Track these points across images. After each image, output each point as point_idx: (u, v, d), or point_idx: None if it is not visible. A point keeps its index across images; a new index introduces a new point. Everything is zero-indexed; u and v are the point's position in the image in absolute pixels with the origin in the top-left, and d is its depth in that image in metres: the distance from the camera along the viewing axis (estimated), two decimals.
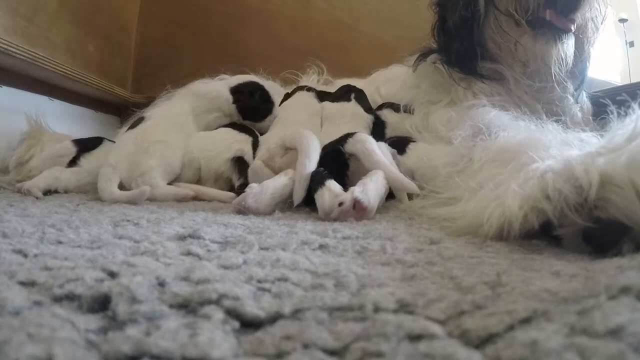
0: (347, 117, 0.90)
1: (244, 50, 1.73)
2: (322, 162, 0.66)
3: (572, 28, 0.79)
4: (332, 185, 0.58)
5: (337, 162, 0.65)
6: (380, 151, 0.66)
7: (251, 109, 0.99)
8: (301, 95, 1.04)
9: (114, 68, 1.67)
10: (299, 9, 1.77)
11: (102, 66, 1.55)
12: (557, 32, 0.78)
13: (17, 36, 1.09)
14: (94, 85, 1.44)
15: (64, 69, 1.25)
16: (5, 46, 1.01)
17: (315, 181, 0.60)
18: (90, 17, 1.48)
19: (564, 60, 0.79)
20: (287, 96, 1.09)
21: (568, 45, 0.79)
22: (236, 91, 0.99)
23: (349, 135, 0.67)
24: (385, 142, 0.75)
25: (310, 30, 1.75)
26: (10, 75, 1.15)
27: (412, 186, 0.62)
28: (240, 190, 0.78)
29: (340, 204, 0.53)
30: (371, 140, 0.66)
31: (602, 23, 0.84)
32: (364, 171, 0.62)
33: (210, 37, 1.79)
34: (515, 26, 0.80)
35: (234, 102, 0.98)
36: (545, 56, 0.79)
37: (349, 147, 0.65)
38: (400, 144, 0.76)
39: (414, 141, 0.78)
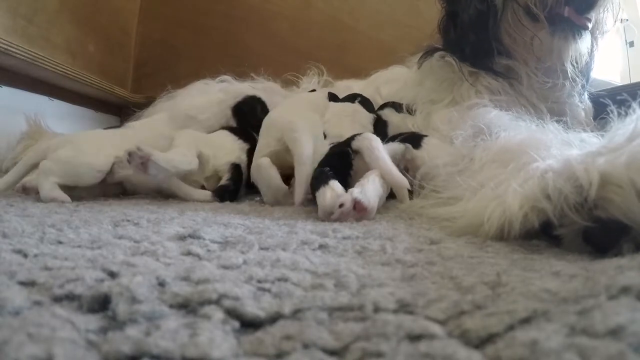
0: (349, 115, 0.93)
1: (244, 50, 1.74)
2: (328, 162, 0.67)
3: (589, 26, 0.79)
4: (335, 185, 0.59)
5: (343, 162, 0.67)
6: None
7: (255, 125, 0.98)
8: (320, 94, 1.07)
9: (114, 68, 1.67)
10: (299, 9, 1.77)
11: (102, 66, 1.56)
12: (576, 29, 0.78)
13: (17, 36, 1.09)
14: (94, 85, 1.44)
15: (64, 69, 1.26)
16: (5, 46, 1.01)
17: (319, 179, 0.60)
18: (90, 17, 1.49)
19: (579, 57, 0.80)
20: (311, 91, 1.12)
21: (584, 43, 0.80)
22: (239, 111, 0.99)
23: (356, 135, 0.69)
24: (393, 139, 0.77)
25: (310, 30, 1.75)
26: (10, 75, 1.15)
27: (403, 181, 0.63)
28: (220, 188, 0.80)
29: (341, 206, 0.54)
30: (377, 139, 0.68)
31: (614, 24, 0.84)
32: (365, 172, 0.62)
33: (210, 37, 1.79)
34: (532, 21, 0.80)
35: (237, 124, 0.97)
36: (561, 52, 0.79)
37: (356, 143, 0.67)
38: (414, 139, 0.77)
39: (426, 136, 0.79)
